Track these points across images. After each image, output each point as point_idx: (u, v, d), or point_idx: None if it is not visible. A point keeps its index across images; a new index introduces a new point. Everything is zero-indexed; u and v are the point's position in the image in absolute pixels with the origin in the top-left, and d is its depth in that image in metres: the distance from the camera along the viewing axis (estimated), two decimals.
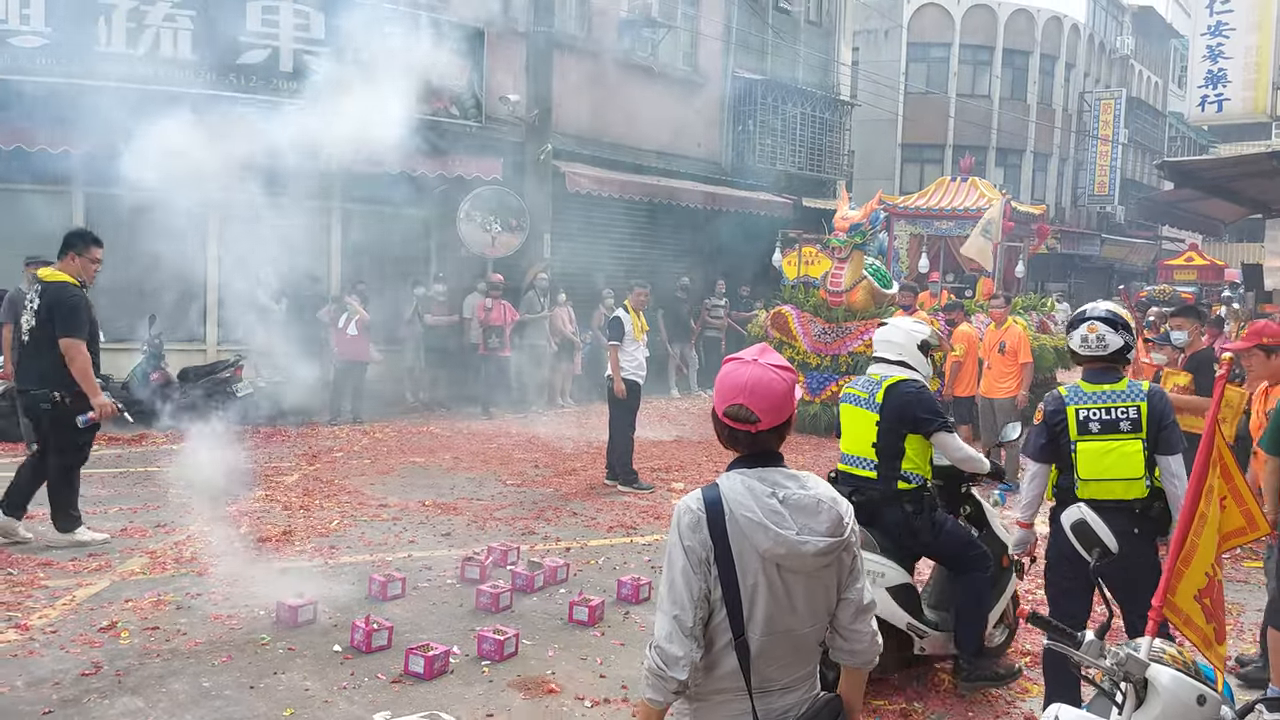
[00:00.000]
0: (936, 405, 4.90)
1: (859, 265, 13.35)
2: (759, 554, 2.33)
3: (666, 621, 2.33)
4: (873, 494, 4.89)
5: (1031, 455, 4.46)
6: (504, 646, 5.22)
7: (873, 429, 4.89)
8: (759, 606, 2.35)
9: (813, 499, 2.39)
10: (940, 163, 32.36)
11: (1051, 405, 4.37)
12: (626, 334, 9.61)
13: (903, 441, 4.82)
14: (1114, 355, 4.27)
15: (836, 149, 22.81)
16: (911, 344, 5.01)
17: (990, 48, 33.80)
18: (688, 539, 2.35)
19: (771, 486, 2.38)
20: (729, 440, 2.48)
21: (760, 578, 2.34)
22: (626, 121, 17.67)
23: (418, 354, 14.33)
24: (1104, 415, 4.21)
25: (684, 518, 2.37)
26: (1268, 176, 10.62)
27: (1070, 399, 4.31)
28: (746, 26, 20.64)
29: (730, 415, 2.41)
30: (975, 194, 16.30)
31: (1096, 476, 4.20)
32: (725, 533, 2.34)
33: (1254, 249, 36.13)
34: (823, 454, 11.91)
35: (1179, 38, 42.79)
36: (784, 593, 2.37)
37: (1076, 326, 4.38)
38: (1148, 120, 42.40)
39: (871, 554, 4.71)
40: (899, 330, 5.08)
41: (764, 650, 2.37)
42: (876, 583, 4.64)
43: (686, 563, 2.34)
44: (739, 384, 2.42)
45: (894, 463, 4.84)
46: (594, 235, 17.32)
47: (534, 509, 8.70)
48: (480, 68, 14.39)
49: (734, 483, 2.39)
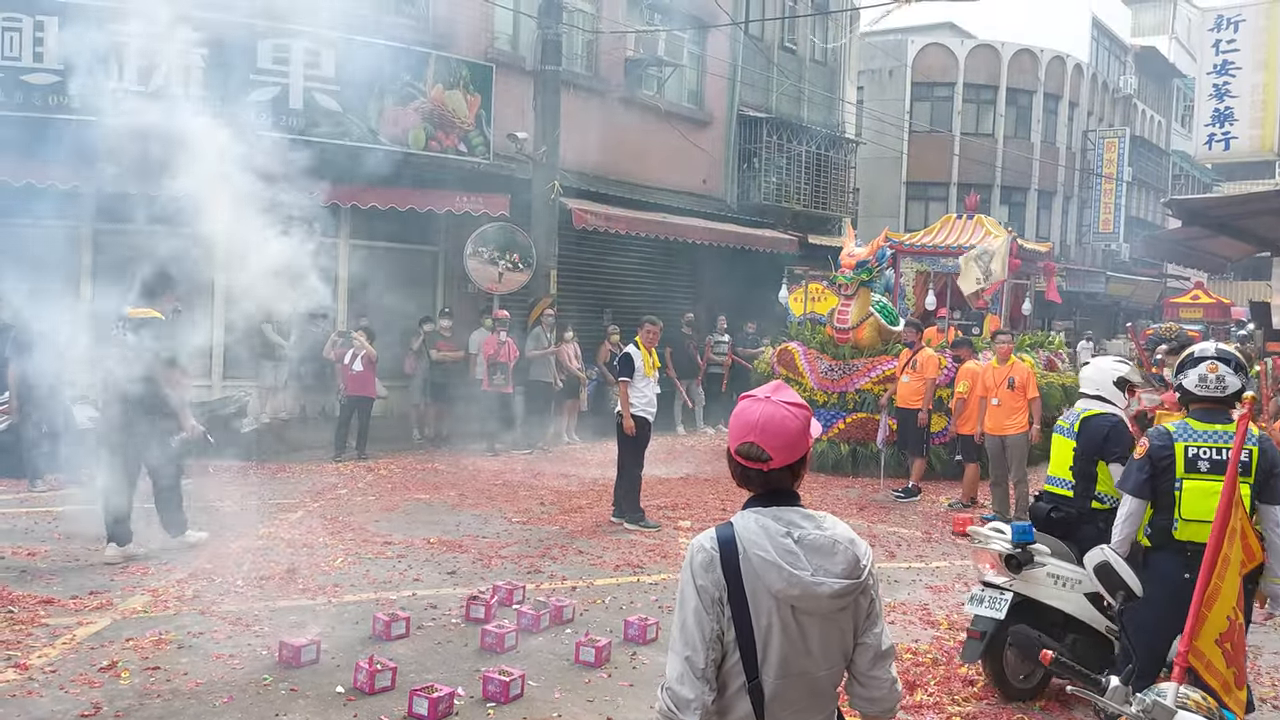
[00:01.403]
0: (1125, 439, 5.35)
1: (866, 302, 13.33)
2: (772, 595, 2.28)
3: (678, 663, 2.28)
4: (1070, 511, 5.47)
5: (1131, 490, 4.37)
6: (509, 688, 5.13)
7: (1070, 455, 5.53)
8: (773, 649, 2.29)
9: (829, 539, 2.34)
10: (945, 200, 32.46)
11: (1159, 440, 4.31)
12: (637, 370, 9.54)
13: (1094, 467, 5.35)
14: (1231, 397, 4.25)
15: (842, 186, 22.89)
16: (1107, 380, 5.64)
17: (994, 87, 34.02)
18: (700, 578, 2.30)
19: (787, 526, 2.33)
20: (742, 479, 2.43)
21: (774, 619, 2.29)
22: (633, 158, 17.76)
23: (424, 390, 14.30)
24: (1215, 455, 4.14)
25: (697, 556, 2.33)
26: (1274, 215, 10.60)
27: (1179, 435, 4.25)
28: (752, 65, 20.80)
29: (742, 453, 2.38)
30: (981, 231, 16.29)
31: (1199, 518, 4.10)
32: (739, 572, 2.29)
33: (1260, 287, 36.12)
34: (830, 491, 11.82)
35: (1181, 77, 43.07)
36: (799, 635, 2.31)
37: (1193, 366, 4.35)
38: (1151, 159, 42.57)
39: (1068, 563, 5.19)
40: (1096, 368, 5.72)
41: (778, 694, 2.31)
42: (1074, 589, 5.09)
43: (699, 603, 2.29)
44: (750, 422, 2.39)
45: (1088, 485, 5.42)
46: (600, 272, 17.35)
47: (540, 547, 8.61)
48: (488, 105, 14.48)
49: (748, 521, 2.35)
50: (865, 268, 13.06)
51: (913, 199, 33.66)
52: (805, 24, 22.75)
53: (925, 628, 6.72)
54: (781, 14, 21.85)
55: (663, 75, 18.46)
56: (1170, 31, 45.99)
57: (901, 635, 6.54)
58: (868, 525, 9.95)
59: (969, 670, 5.76)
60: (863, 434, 12.96)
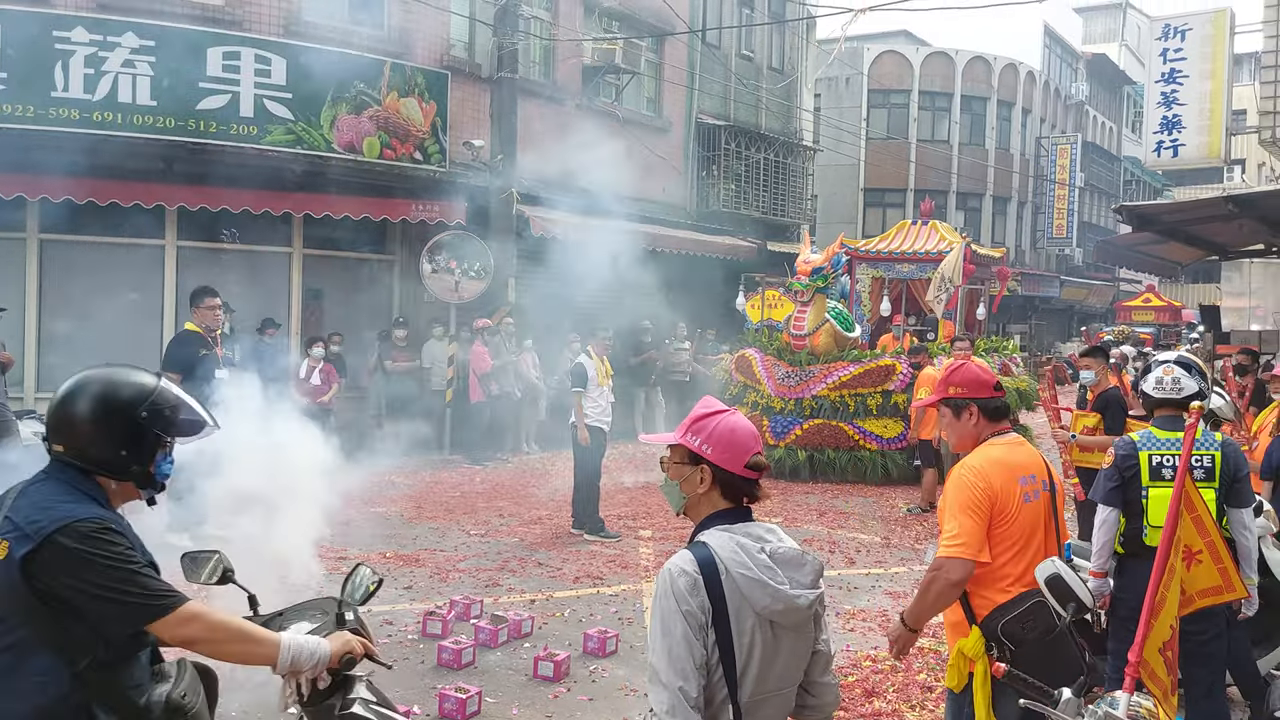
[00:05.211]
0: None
1: (821, 309, 13.39)
2: (755, 612, 2.25)
3: (668, 696, 2.19)
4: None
5: (1102, 500, 4.42)
6: (466, 705, 5.07)
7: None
8: (751, 668, 2.27)
9: (796, 551, 2.35)
10: (902, 206, 32.76)
11: (1124, 450, 4.38)
12: (590, 380, 9.52)
13: None
14: (1187, 400, 4.27)
15: (799, 193, 23.00)
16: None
17: (949, 94, 34.42)
18: (685, 603, 2.22)
19: (758, 541, 2.32)
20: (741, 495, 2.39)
21: (756, 636, 2.27)
22: (591, 166, 17.70)
23: (379, 401, 14.14)
24: (1177, 461, 4.18)
25: (679, 581, 2.24)
26: (1223, 220, 10.75)
27: (1143, 444, 4.32)
28: (710, 73, 20.84)
29: (754, 466, 2.36)
30: (935, 237, 16.45)
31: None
32: (723, 593, 2.24)
33: (1210, 290, 36.83)
34: (791, 498, 11.83)
35: (1132, 84, 43.83)
36: (774, 651, 2.30)
37: (1152, 371, 4.44)
38: (1103, 164, 43.28)
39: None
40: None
41: (752, 713, 2.30)
42: None
43: (686, 628, 2.21)
44: (752, 433, 2.39)
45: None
46: (558, 280, 17.26)
47: (498, 560, 8.54)
48: (444, 113, 14.37)
49: (722, 540, 2.30)
50: (821, 274, 13.12)
51: (870, 205, 33.95)
52: (762, 32, 22.85)
53: (884, 634, 6.72)
54: (738, 22, 21.93)
55: (620, 83, 18.44)
56: (1120, 39, 46.83)
57: (861, 642, 6.56)
58: (828, 531, 9.97)
59: (927, 677, 5.78)
60: (819, 440, 13.00)
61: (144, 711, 2.40)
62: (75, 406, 2.44)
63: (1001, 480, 3.35)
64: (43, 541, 2.26)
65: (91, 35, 11.53)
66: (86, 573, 2.27)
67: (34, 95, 11.30)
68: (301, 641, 2.54)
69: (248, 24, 12.90)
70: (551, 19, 17.40)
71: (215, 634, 2.43)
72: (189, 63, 12.00)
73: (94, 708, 2.32)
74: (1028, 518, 3.34)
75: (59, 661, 2.29)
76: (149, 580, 2.36)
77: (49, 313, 12.38)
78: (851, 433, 12.90)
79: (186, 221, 12.92)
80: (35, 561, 2.25)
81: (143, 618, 2.35)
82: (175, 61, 11.91)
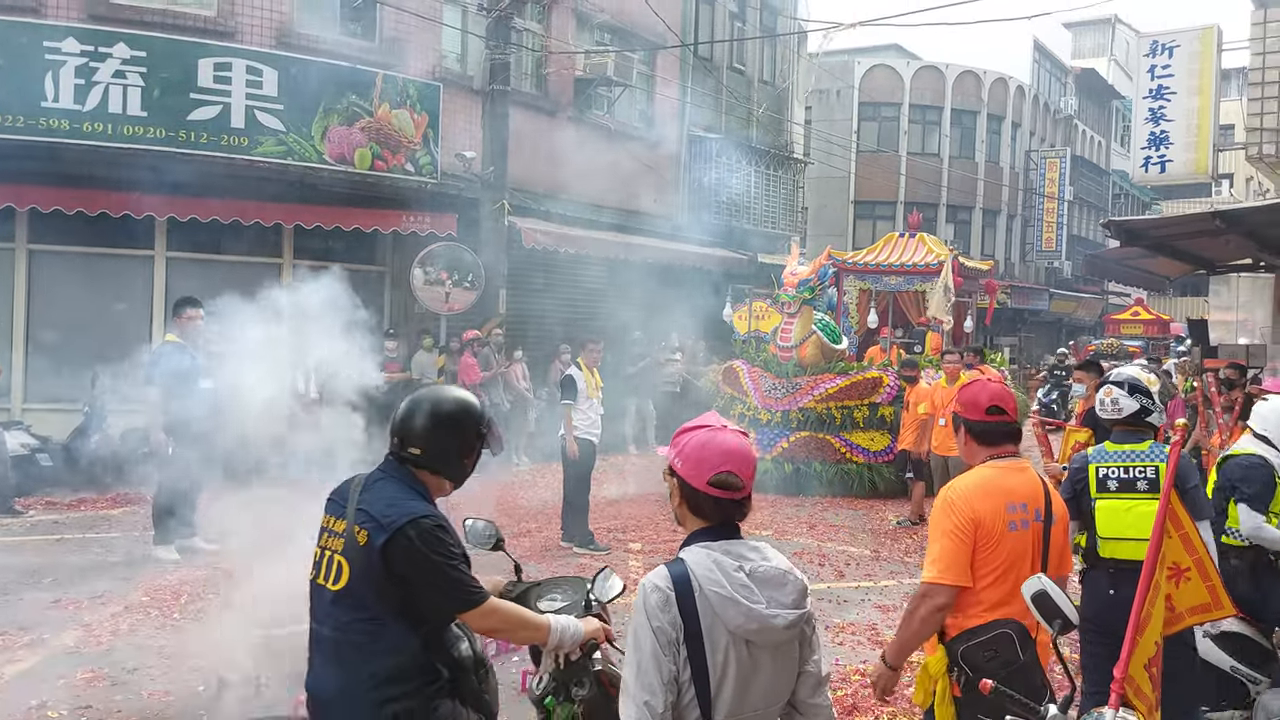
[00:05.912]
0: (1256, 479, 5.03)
1: (808, 321, 13.41)
2: (729, 631, 2.26)
3: (635, 709, 2.22)
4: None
5: None
6: None
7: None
8: (726, 686, 2.27)
9: (778, 571, 2.34)
10: (892, 219, 32.88)
11: (1075, 464, 4.49)
12: (580, 391, 9.50)
13: (1227, 504, 5.11)
14: (1131, 418, 4.36)
15: (790, 206, 23.08)
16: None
17: (939, 108, 34.60)
18: (656, 620, 2.24)
19: (737, 560, 2.32)
20: (710, 512, 2.38)
21: (730, 655, 2.27)
22: (583, 178, 17.75)
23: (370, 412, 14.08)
24: (1121, 474, 4.28)
25: (651, 597, 2.27)
26: (1211, 235, 10.83)
27: (1093, 458, 4.40)
28: (701, 86, 20.92)
29: (719, 484, 2.33)
30: (923, 249, 16.49)
31: (1115, 535, 4.24)
32: (695, 611, 2.25)
33: (1198, 303, 36.93)
34: (780, 511, 11.82)
35: (1120, 98, 44.09)
36: (751, 670, 2.30)
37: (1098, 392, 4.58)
38: (1092, 178, 43.52)
39: None
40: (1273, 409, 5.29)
41: None
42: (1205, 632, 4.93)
43: (655, 644, 2.23)
44: (726, 450, 2.35)
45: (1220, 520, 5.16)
46: (550, 291, 17.28)
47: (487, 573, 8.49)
48: (436, 124, 14.39)
49: (699, 557, 2.31)
50: (808, 286, 13.13)
51: (860, 218, 34.07)
52: (754, 45, 22.96)
53: (874, 648, 6.71)
54: (730, 36, 22.04)
55: (612, 95, 18.49)
56: (1109, 54, 47.10)
57: (850, 656, 6.55)
58: (817, 544, 9.97)
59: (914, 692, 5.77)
60: (806, 453, 12.99)
61: (461, 662, 2.90)
62: (438, 420, 2.95)
63: (987, 505, 3.30)
64: (395, 533, 2.72)
65: (83, 45, 11.53)
66: (423, 564, 2.73)
67: (24, 105, 11.28)
68: (564, 624, 2.95)
69: (239, 35, 12.90)
70: (544, 31, 17.45)
71: (509, 623, 2.91)
72: (180, 73, 12.02)
73: (435, 663, 2.81)
74: (1012, 545, 3.29)
75: (408, 628, 2.75)
76: (465, 576, 2.81)
77: (37, 323, 12.34)
78: (838, 445, 12.91)
79: (176, 232, 12.90)
80: (389, 549, 2.71)
81: (460, 609, 2.82)
82: (166, 72, 11.93)
